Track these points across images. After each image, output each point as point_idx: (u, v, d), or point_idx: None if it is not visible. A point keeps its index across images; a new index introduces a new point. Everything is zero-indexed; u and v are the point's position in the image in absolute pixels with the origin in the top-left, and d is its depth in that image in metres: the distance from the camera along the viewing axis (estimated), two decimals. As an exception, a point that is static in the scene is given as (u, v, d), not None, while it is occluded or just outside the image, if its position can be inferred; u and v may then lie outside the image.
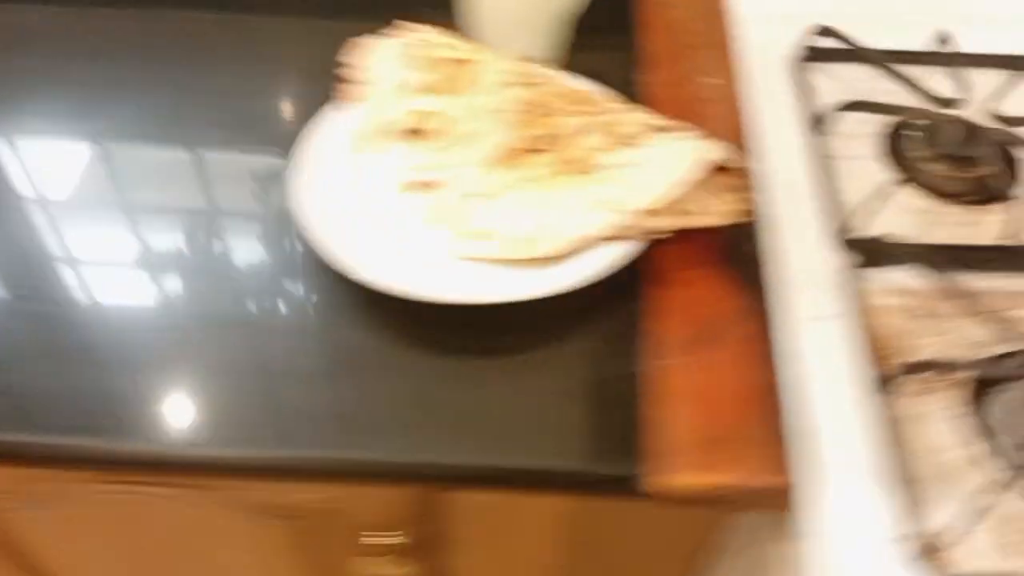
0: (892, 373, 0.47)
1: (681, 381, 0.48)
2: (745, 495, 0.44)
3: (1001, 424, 0.48)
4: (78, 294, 0.54)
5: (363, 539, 0.59)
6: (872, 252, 0.54)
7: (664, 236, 0.54)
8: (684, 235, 0.55)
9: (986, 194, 0.59)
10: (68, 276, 0.55)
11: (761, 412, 0.47)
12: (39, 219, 0.59)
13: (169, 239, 0.57)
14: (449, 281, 0.51)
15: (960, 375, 0.49)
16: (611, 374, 0.49)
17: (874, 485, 0.43)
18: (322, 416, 0.48)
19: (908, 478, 0.44)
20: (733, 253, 0.55)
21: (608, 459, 0.45)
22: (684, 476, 0.44)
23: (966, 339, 0.51)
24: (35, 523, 0.62)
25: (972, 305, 0.49)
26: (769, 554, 0.46)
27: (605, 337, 0.51)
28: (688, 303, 0.52)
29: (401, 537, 0.59)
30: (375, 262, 0.51)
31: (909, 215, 0.58)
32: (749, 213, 0.55)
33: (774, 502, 0.44)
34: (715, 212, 0.55)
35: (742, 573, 0.55)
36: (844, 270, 0.53)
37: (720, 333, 0.50)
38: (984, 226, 0.57)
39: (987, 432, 0.47)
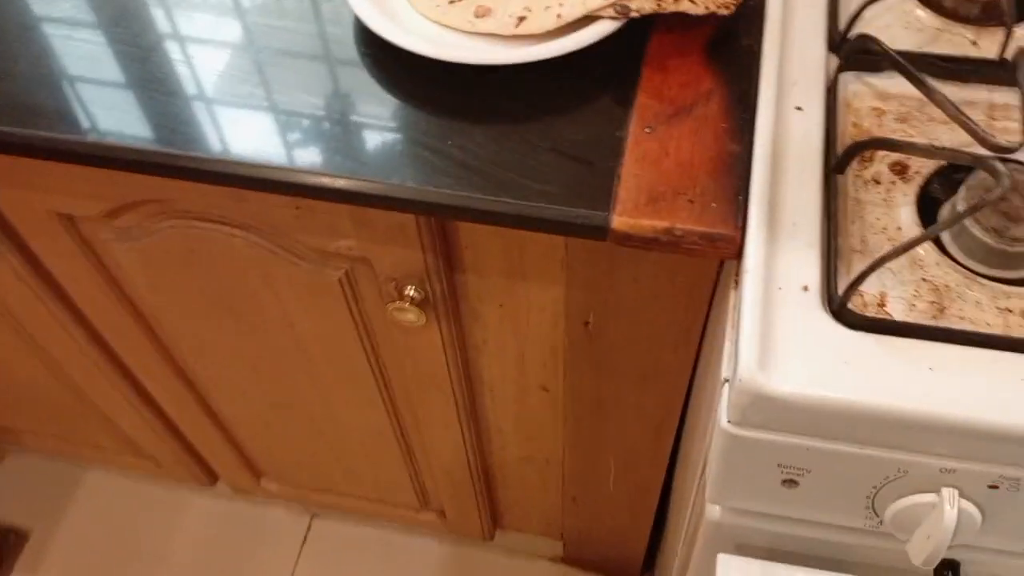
0: (852, 151, 0.52)
1: (654, 146, 0.55)
2: (693, 238, 0.51)
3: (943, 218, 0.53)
4: (162, 32, 0.64)
5: (392, 288, 0.69)
6: (859, 55, 0.58)
7: (656, 15, 0.59)
8: (682, 26, 0.60)
9: (995, 19, 0.61)
10: (157, 18, 0.65)
11: (719, 174, 0.53)
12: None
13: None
14: (460, 48, 0.58)
15: (911, 161, 0.54)
16: (592, 137, 0.56)
17: (813, 250, 0.49)
18: (350, 152, 0.57)
19: (843, 245, 0.51)
20: (725, 45, 0.60)
21: (581, 205, 0.53)
22: (643, 219, 0.51)
23: (932, 140, 0.55)
24: (127, 253, 0.74)
25: (947, 112, 0.53)
26: (729, 299, 0.53)
27: (593, 108, 0.58)
28: (673, 84, 0.58)
29: (422, 289, 0.68)
30: (401, 30, 0.59)
31: (911, 29, 0.61)
32: (734, 5, 0.59)
33: (718, 250, 0.51)
34: (700, 2, 0.59)
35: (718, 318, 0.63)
36: (831, 70, 0.58)
37: (694, 109, 0.56)
38: (982, 47, 0.60)
39: (924, 223, 0.52)
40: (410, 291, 0.69)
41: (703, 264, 0.60)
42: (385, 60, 0.61)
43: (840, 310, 0.48)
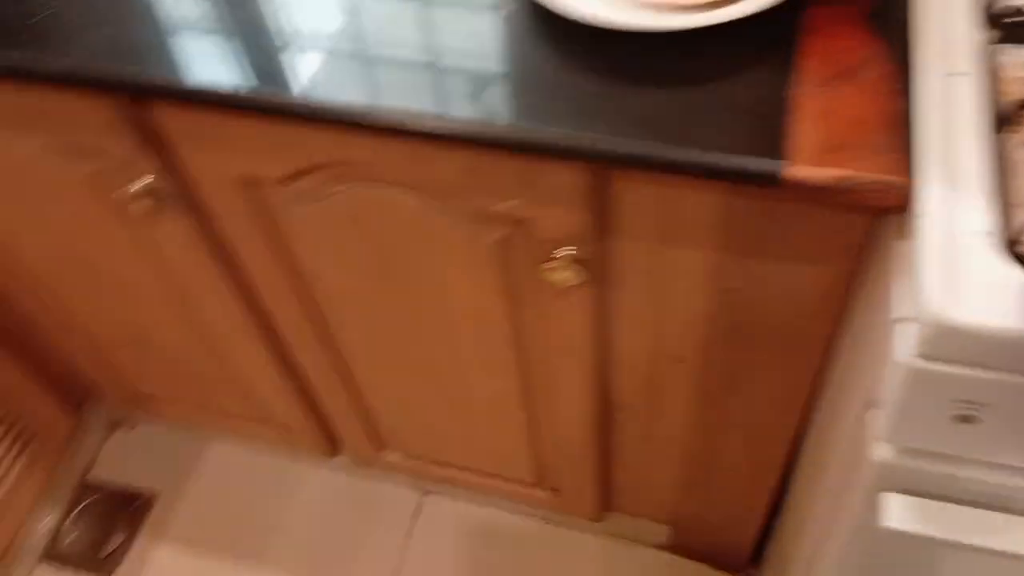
0: (1009, 111, 0.54)
1: (822, 104, 0.58)
2: (866, 187, 0.54)
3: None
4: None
5: (548, 250, 0.72)
6: (1013, 28, 0.60)
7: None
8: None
9: None
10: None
11: (887, 130, 0.56)
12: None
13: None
14: (633, 16, 0.62)
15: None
16: (762, 97, 0.59)
17: (984, 198, 0.51)
18: (526, 108, 0.61)
19: (1008, 192, 0.52)
20: (879, 15, 0.63)
21: (755, 155, 0.56)
22: (818, 167, 0.54)
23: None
24: (299, 218, 0.80)
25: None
26: (892, 250, 0.56)
27: (760, 71, 0.62)
28: (834, 49, 0.62)
29: (579, 249, 0.72)
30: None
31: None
32: None
33: (891, 198, 0.54)
34: None
35: (873, 272, 0.65)
36: (984, 42, 0.60)
37: (857, 72, 0.59)
38: None
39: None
40: (566, 252, 0.73)
41: (853, 226, 0.63)
42: (554, 23, 0.66)
43: (1012, 248, 0.50)
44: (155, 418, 1.37)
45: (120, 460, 1.41)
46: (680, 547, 1.26)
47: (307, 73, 0.66)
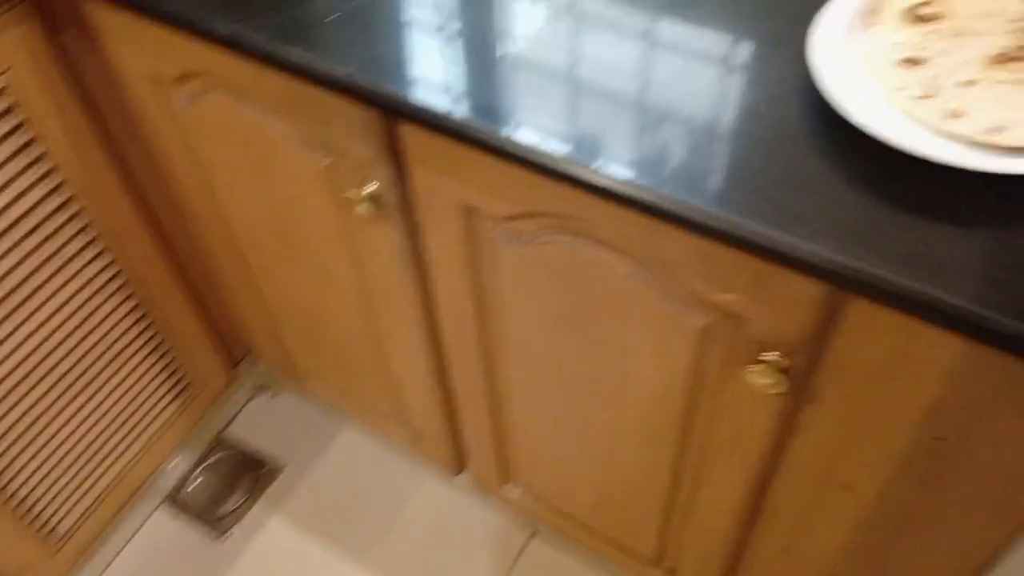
0: None
1: None
2: None
3: None
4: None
5: (757, 352, 0.70)
6: None
7: None
8: None
9: None
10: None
11: None
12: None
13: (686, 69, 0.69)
14: (941, 147, 0.58)
15: None
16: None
17: None
18: (777, 210, 0.59)
19: None
20: None
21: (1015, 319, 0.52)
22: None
23: None
24: (506, 255, 0.80)
25: None
26: None
27: None
28: None
29: (789, 359, 0.69)
30: (867, 113, 0.60)
31: None
32: None
33: None
34: None
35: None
36: None
37: None
38: None
39: None
40: (772, 357, 0.70)
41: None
42: (841, 132, 0.63)
43: None
44: (301, 391, 1.41)
45: (258, 424, 1.47)
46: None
47: (551, 122, 0.66)
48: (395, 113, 0.72)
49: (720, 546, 1.00)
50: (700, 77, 0.69)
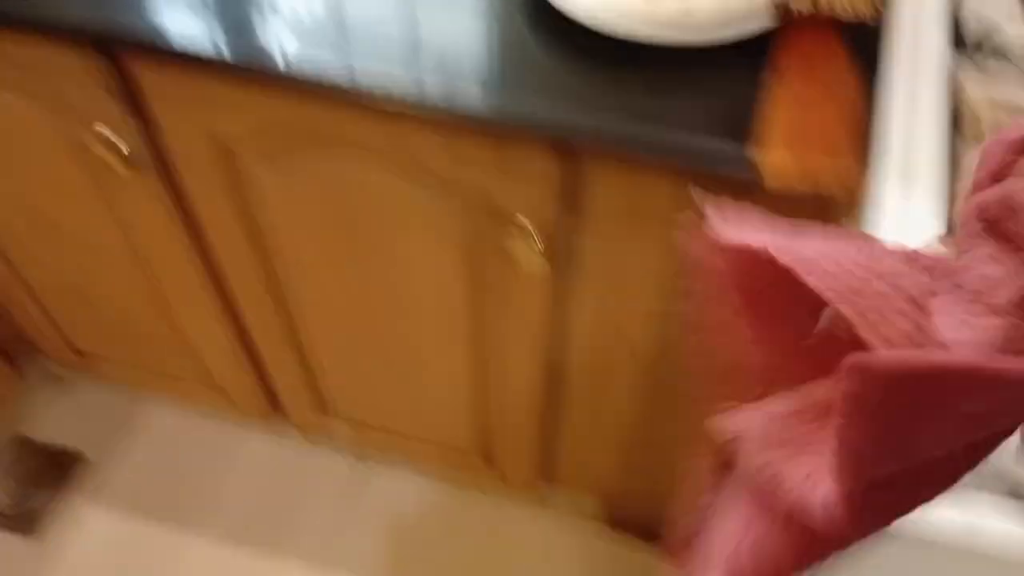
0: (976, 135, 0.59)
1: (794, 110, 0.62)
2: (824, 186, 0.58)
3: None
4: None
5: (513, 228, 0.75)
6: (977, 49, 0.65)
7: (803, 18, 0.66)
8: (823, 26, 0.67)
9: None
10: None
11: (853, 135, 0.60)
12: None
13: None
14: (626, 21, 0.65)
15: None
16: (739, 100, 0.63)
17: (938, 199, 0.56)
18: (498, 86, 0.64)
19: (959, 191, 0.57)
20: (859, 34, 0.67)
21: (726, 141, 0.60)
22: (781, 157, 0.58)
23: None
24: (267, 181, 0.81)
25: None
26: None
27: (743, 71, 0.65)
28: (811, 61, 0.66)
29: (541, 229, 0.74)
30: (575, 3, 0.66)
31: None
32: (877, 13, 0.66)
33: (848, 197, 0.58)
34: (850, 9, 0.66)
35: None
36: (951, 57, 0.65)
37: (831, 83, 0.64)
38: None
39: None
40: (532, 232, 0.75)
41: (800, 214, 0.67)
42: (550, 17, 0.68)
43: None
44: (92, 377, 1.35)
45: (56, 419, 1.39)
46: (616, 521, 1.31)
47: (285, 38, 0.67)
48: (111, 46, 0.70)
49: (529, 422, 1.07)
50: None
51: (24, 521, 1.29)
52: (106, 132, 0.79)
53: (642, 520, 1.27)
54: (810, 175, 0.59)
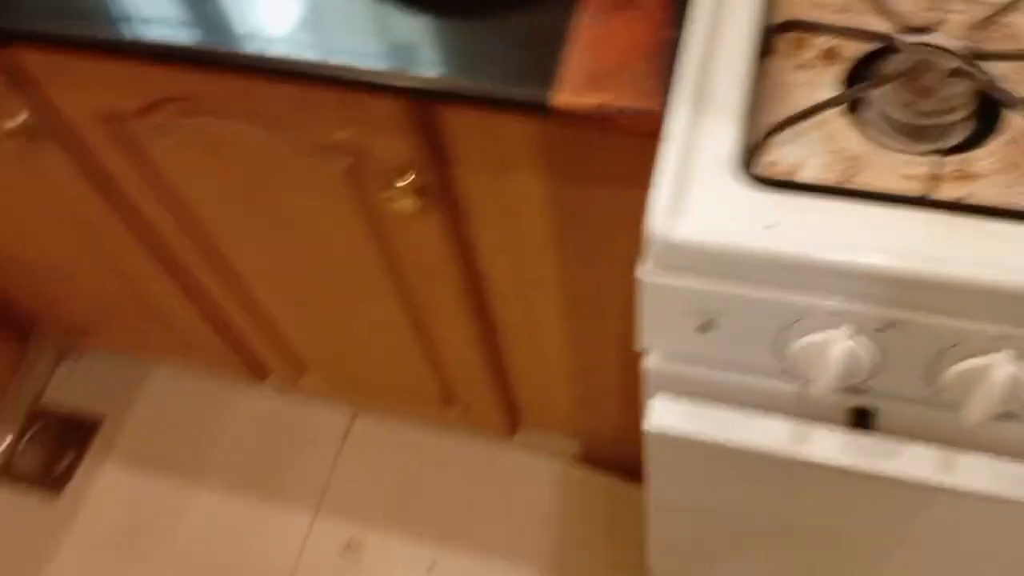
0: (771, 33, 0.57)
1: (597, 33, 0.61)
2: (620, 114, 0.57)
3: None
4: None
5: (388, 179, 0.77)
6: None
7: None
8: None
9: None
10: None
11: (654, 58, 0.59)
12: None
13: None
14: None
15: (841, 49, 0.58)
16: (541, 28, 0.63)
17: (733, 122, 0.55)
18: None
19: (765, 121, 0.56)
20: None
21: (527, 84, 0.60)
22: (580, 97, 0.58)
23: (859, 25, 0.60)
24: (164, 151, 0.84)
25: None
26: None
27: (544, 4, 0.64)
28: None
29: (417, 179, 0.76)
30: None
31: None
32: None
33: (647, 124, 0.57)
34: None
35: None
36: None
37: (634, 2, 0.62)
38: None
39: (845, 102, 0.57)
40: (405, 181, 0.77)
41: (647, 150, 0.66)
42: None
43: (749, 170, 0.54)
44: (97, 347, 1.44)
45: (69, 387, 1.49)
46: (590, 459, 1.33)
47: (137, 10, 0.70)
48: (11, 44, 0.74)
49: (483, 373, 1.10)
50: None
51: (48, 483, 1.40)
52: (8, 114, 0.84)
53: (616, 456, 1.29)
54: (603, 108, 0.58)
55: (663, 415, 0.59)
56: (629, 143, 0.67)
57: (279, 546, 1.32)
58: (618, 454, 1.28)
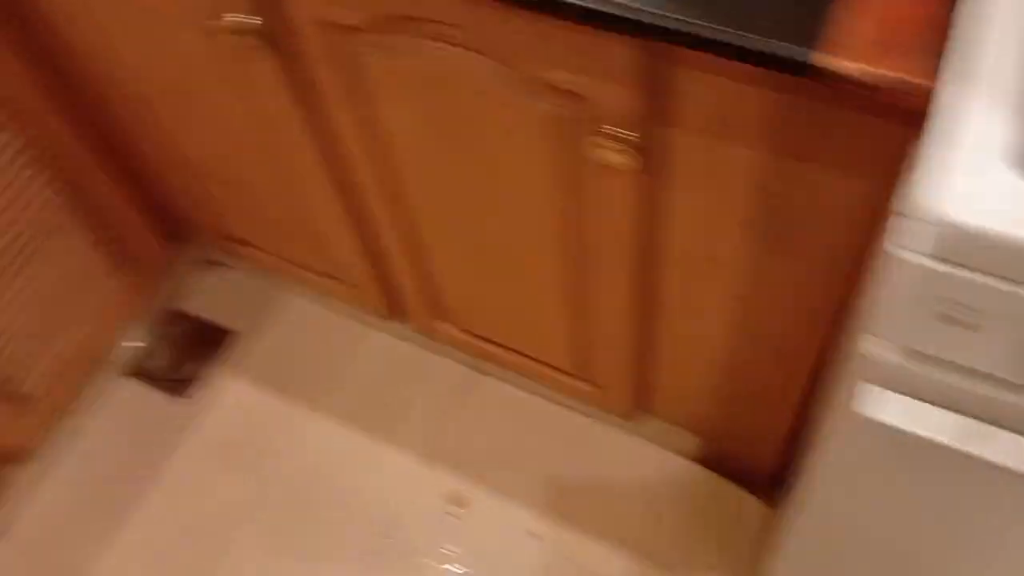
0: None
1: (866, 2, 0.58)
2: (894, 85, 0.55)
3: None
4: None
5: (603, 129, 0.76)
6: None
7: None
8: None
9: None
10: None
11: (925, 32, 0.57)
12: None
13: None
14: None
15: None
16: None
17: (1005, 106, 0.51)
18: None
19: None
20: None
21: (791, 42, 0.58)
22: (848, 61, 0.55)
23: None
24: (382, 71, 0.85)
25: None
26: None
27: None
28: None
29: (634, 132, 0.75)
30: None
31: None
32: None
33: (919, 100, 0.55)
34: None
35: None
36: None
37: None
38: None
39: None
40: (620, 134, 0.75)
41: (892, 136, 0.63)
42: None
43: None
44: (244, 262, 1.48)
45: (210, 297, 1.54)
46: (707, 459, 1.30)
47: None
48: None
49: (625, 346, 1.08)
50: None
51: (176, 384, 1.45)
52: (229, 9, 0.85)
53: (735, 461, 1.26)
54: (876, 77, 0.55)
55: (880, 405, 0.56)
56: (867, 127, 0.64)
57: (385, 489, 1.33)
58: (741, 461, 1.25)
